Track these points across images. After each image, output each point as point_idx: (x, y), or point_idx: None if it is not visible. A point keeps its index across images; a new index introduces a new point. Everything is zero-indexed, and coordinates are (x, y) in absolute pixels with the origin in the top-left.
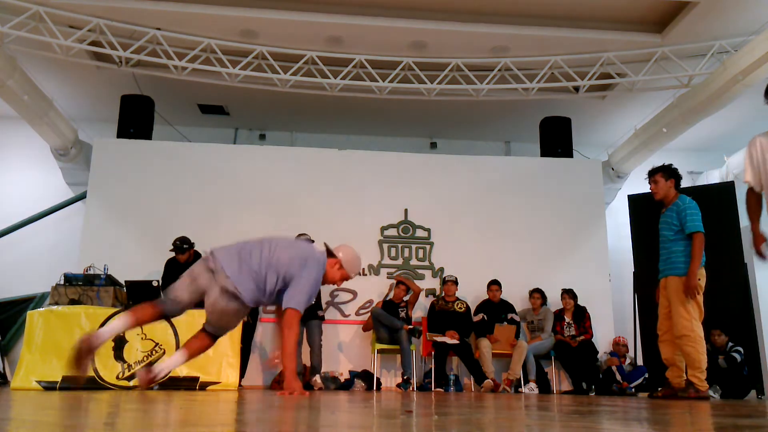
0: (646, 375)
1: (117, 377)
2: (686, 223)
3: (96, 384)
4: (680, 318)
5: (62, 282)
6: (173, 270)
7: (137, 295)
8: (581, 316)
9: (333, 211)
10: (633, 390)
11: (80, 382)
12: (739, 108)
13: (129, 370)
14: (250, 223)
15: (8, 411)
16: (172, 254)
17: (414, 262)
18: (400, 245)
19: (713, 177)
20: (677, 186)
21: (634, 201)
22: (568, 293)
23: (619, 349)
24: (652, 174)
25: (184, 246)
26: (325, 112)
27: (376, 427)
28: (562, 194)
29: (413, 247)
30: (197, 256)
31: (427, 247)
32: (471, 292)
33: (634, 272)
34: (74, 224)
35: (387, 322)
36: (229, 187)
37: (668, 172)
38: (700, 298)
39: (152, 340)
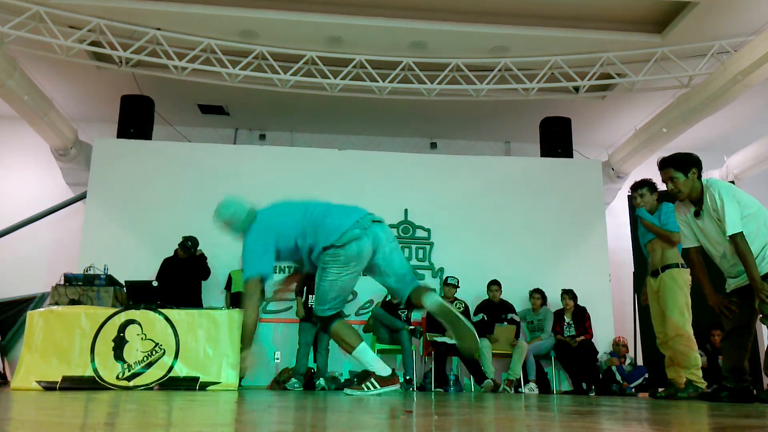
0: (646, 375)
1: (117, 377)
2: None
3: (96, 384)
4: (678, 318)
5: (62, 282)
6: (170, 267)
7: (137, 295)
8: (581, 316)
9: None
10: (633, 390)
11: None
12: (739, 108)
13: (129, 371)
14: None
15: (8, 411)
16: (172, 254)
17: (414, 262)
18: (400, 245)
19: (713, 177)
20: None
21: None
22: (568, 293)
23: (619, 349)
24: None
25: (189, 245)
26: (325, 112)
27: (376, 427)
28: (562, 194)
29: (413, 247)
30: (201, 258)
31: (427, 247)
32: (471, 292)
33: (634, 272)
34: (74, 224)
35: (388, 323)
36: (229, 187)
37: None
38: (689, 300)
39: (152, 340)
